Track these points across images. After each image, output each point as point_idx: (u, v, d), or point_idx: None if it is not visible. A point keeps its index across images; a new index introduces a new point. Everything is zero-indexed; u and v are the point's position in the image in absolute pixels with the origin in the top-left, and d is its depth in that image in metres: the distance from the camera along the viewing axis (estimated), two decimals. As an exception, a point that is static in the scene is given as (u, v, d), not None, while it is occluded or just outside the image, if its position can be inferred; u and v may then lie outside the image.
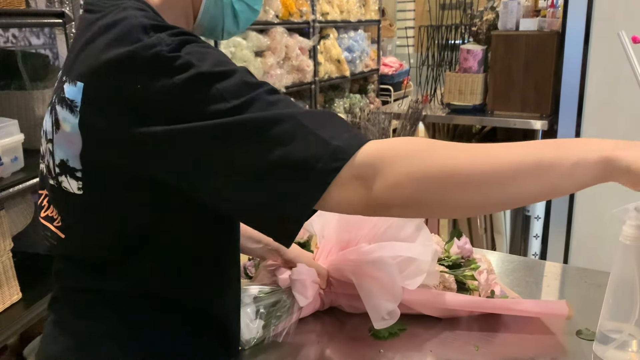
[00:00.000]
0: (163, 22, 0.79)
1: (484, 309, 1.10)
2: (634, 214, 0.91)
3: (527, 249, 2.46)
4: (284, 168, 0.69)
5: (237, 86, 0.72)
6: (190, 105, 0.70)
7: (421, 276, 1.04)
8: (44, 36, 2.56)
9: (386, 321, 1.02)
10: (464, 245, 1.21)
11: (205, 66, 0.72)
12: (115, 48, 0.74)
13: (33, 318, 1.78)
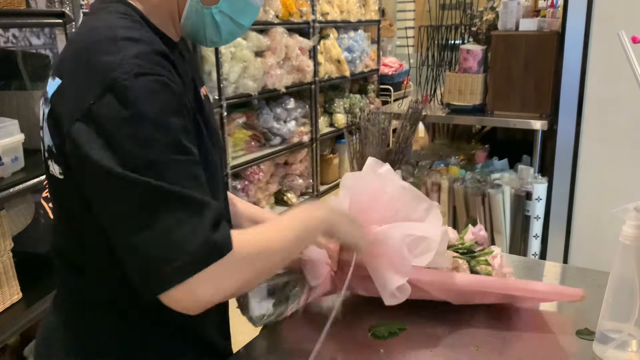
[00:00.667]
0: (136, 35, 0.82)
1: (496, 288, 1.10)
2: (634, 214, 0.91)
3: (527, 249, 2.46)
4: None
5: (161, 145, 0.78)
6: (115, 139, 0.77)
7: (430, 253, 1.05)
8: (44, 36, 2.57)
9: (396, 298, 1.03)
10: (478, 231, 1.23)
11: (144, 113, 0.77)
12: (86, 56, 0.81)
13: (33, 318, 1.79)
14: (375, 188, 1.11)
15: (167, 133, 0.78)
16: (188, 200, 0.78)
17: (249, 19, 0.97)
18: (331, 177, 5.31)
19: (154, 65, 0.80)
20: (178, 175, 0.78)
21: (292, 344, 1.07)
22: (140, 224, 0.77)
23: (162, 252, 0.77)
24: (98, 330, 0.94)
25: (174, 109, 0.80)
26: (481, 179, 2.48)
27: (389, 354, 1.01)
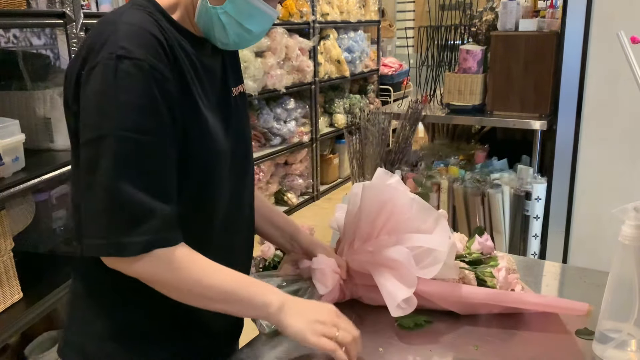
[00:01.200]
0: (136, 20, 0.89)
1: (500, 301, 1.10)
2: (633, 213, 0.91)
3: (527, 249, 2.46)
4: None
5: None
6: (88, 108, 0.87)
7: (437, 265, 1.05)
8: (45, 36, 2.57)
9: (403, 309, 1.03)
10: (485, 242, 1.22)
11: (115, 92, 0.85)
12: (92, 39, 0.89)
13: (34, 317, 1.79)
14: (384, 199, 1.11)
15: (130, 112, 0.85)
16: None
17: (258, 25, 0.97)
18: (331, 177, 5.31)
19: (139, 48, 0.86)
20: (127, 155, 0.85)
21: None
22: (86, 186, 0.87)
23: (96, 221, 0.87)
24: (107, 310, 0.99)
25: (147, 93, 0.86)
26: (481, 179, 2.48)
27: (389, 354, 1.01)
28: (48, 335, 2.02)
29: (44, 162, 1.90)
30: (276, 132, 4.38)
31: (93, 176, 0.85)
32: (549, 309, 1.11)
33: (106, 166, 0.84)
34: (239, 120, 1.05)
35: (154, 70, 0.86)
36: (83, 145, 0.87)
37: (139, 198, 0.85)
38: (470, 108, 2.64)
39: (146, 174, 0.87)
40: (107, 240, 0.86)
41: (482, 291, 1.11)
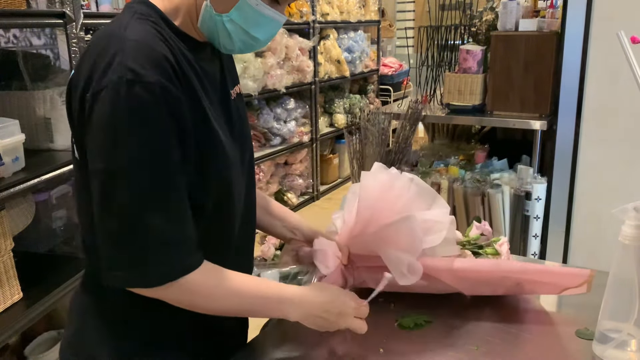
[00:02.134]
0: (142, 37, 0.86)
1: (504, 271, 1.12)
2: (633, 214, 0.91)
3: (527, 249, 2.46)
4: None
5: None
6: (98, 135, 0.84)
7: (441, 234, 1.08)
8: (45, 36, 2.57)
9: (408, 278, 1.05)
10: (483, 226, 1.26)
11: (126, 121, 0.83)
12: (95, 56, 0.86)
13: (34, 318, 1.79)
14: (383, 183, 1.13)
15: (142, 143, 0.83)
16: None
17: (265, 32, 0.95)
18: (331, 177, 5.31)
19: (150, 70, 0.82)
20: (144, 186, 0.84)
21: (302, 333, 1.07)
22: (103, 217, 0.86)
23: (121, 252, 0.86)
24: (118, 312, 0.98)
25: (161, 119, 0.83)
26: (481, 179, 2.48)
27: (389, 354, 1.01)
28: (48, 335, 2.03)
29: (44, 162, 1.90)
30: (276, 132, 4.38)
31: (110, 208, 0.84)
32: (552, 277, 1.13)
33: (124, 199, 0.83)
34: (240, 122, 1.05)
35: (166, 93, 0.83)
36: (95, 174, 0.85)
37: (160, 228, 0.85)
38: (470, 108, 2.64)
39: (165, 203, 0.86)
40: (130, 274, 0.86)
41: (486, 261, 1.15)
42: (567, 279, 1.12)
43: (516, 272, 1.12)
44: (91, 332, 0.99)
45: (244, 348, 1.08)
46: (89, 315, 1.00)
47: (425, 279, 1.08)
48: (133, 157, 0.82)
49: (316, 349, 1.05)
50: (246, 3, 0.89)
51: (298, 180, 4.74)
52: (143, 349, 0.98)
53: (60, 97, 2.05)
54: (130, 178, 0.83)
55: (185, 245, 0.88)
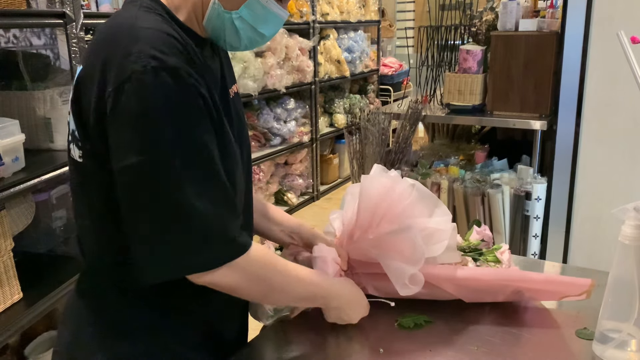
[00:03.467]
0: (155, 25, 0.85)
1: (505, 279, 1.11)
2: (633, 214, 0.91)
3: (527, 249, 2.46)
4: None
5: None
6: (127, 129, 0.82)
7: (443, 243, 1.07)
8: (45, 36, 2.57)
9: (409, 288, 1.04)
10: (483, 230, 1.25)
11: (158, 109, 0.81)
12: (107, 48, 0.83)
13: (34, 317, 1.79)
14: (383, 187, 1.12)
15: (180, 129, 0.81)
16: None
17: (271, 28, 0.96)
18: (331, 177, 5.31)
19: (171, 56, 0.81)
20: (191, 171, 0.82)
21: (302, 333, 1.07)
22: (144, 208, 0.83)
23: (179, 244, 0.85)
24: (117, 314, 0.97)
25: (191, 102, 0.82)
26: (481, 179, 2.48)
27: (389, 354, 1.01)
28: (48, 335, 2.02)
29: (44, 162, 1.90)
30: (276, 132, 4.38)
31: (155, 201, 0.82)
32: (552, 286, 1.12)
33: (170, 188, 0.81)
34: (239, 121, 1.04)
35: (189, 76, 0.82)
36: (127, 169, 0.82)
37: (213, 212, 0.84)
38: (470, 108, 2.64)
39: (214, 186, 0.85)
40: (191, 260, 0.85)
41: (487, 270, 1.14)
42: (567, 288, 1.12)
43: (517, 280, 1.12)
44: (87, 337, 0.97)
45: (244, 348, 1.08)
46: (84, 320, 0.98)
47: (425, 287, 1.07)
48: (172, 144, 0.80)
49: (316, 349, 1.05)
50: (257, 0, 0.90)
51: (298, 180, 4.75)
52: (140, 352, 0.96)
53: (60, 97, 2.05)
54: (172, 167, 0.80)
55: (236, 223, 0.88)
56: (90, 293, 0.99)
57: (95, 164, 0.88)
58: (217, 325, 1.03)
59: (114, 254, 0.93)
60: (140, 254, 0.86)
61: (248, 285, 0.91)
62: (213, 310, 1.01)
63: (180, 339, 0.99)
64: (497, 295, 1.14)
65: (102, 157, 0.86)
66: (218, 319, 1.03)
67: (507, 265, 1.17)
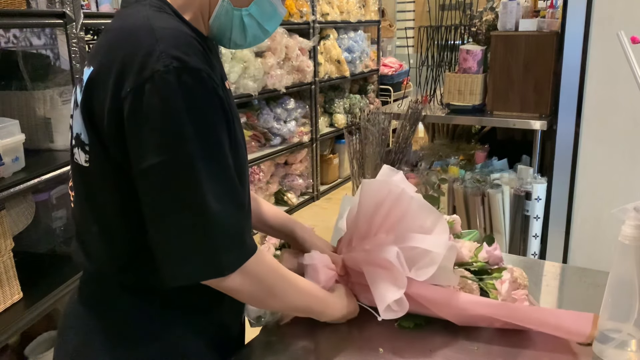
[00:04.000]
0: (172, 25, 0.84)
1: (497, 315, 1.03)
2: (633, 214, 0.91)
3: (527, 249, 2.46)
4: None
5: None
6: (151, 130, 0.80)
7: (432, 267, 1.02)
8: (45, 37, 2.57)
9: (394, 312, 1.02)
10: (492, 251, 1.16)
11: (181, 109, 0.80)
12: (125, 48, 0.81)
13: (34, 318, 1.79)
14: (383, 196, 1.09)
15: (202, 132, 0.81)
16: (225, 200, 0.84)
17: (274, 25, 0.98)
18: (331, 177, 5.31)
19: (192, 57, 0.81)
20: (211, 173, 0.82)
21: (302, 333, 1.07)
22: (165, 211, 0.82)
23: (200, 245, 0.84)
24: (125, 321, 0.95)
25: (213, 105, 0.82)
26: (481, 179, 2.48)
27: (389, 354, 1.01)
28: (48, 335, 2.02)
29: (44, 162, 1.90)
30: (276, 132, 4.38)
31: (175, 203, 0.81)
32: (551, 330, 1.02)
33: (190, 190, 0.81)
34: (237, 116, 1.04)
35: (211, 79, 0.82)
36: (147, 171, 0.81)
37: (230, 215, 0.84)
38: (470, 108, 2.64)
39: (230, 188, 0.85)
40: (204, 265, 0.84)
41: (482, 302, 1.05)
42: (567, 332, 1.02)
43: (510, 319, 1.03)
44: (95, 345, 0.95)
45: (244, 348, 1.08)
46: (90, 328, 0.96)
47: (419, 307, 1.06)
48: (193, 147, 0.80)
49: (316, 349, 1.05)
50: None
51: (298, 180, 4.75)
52: (150, 358, 0.95)
53: (60, 97, 2.05)
54: (193, 168, 0.80)
55: (249, 227, 0.90)
56: (97, 300, 0.98)
57: (107, 167, 0.87)
58: (223, 327, 1.03)
59: (125, 258, 0.92)
60: (162, 257, 0.85)
61: (250, 289, 0.91)
62: (220, 313, 1.01)
63: (189, 342, 0.98)
64: (494, 322, 1.07)
65: (115, 160, 0.85)
66: (224, 321, 1.03)
67: (508, 295, 1.08)
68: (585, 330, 0.98)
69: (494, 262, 1.16)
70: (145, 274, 0.91)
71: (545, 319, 1.02)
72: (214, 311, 0.99)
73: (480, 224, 2.49)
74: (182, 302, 0.95)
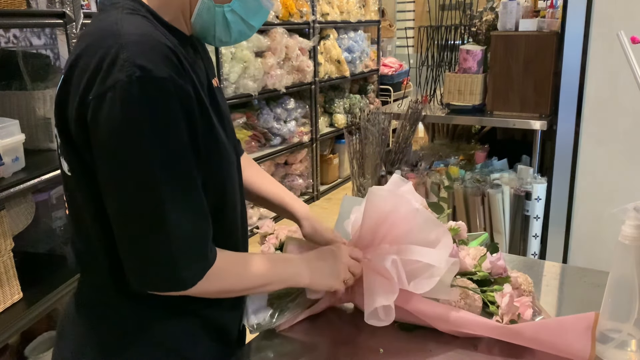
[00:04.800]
0: (142, 31, 0.83)
1: (496, 337, 1.02)
2: (633, 214, 0.91)
3: (527, 249, 2.46)
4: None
5: None
6: (110, 141, 0.80)
7: (432, 280, 1.01)
8: (45, 36, 2.57)
9: (380, 320, 1.01)
10: (495, 261, 1.14)
11: (141, 121, 0.80)
12: (92, 54, 0.81)
13: (34, 317, 1.79)
14: (388, 208, 1.08)
15: (161, 143, 0.80)
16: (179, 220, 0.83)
17: (260, 20, 0.96)
18: (331, 177, 5.31)
19: (158, 65, 0.79)
20: (170, 187, 0.82)
21: (302, 333, 1.07)
22: (127, 222, 0.83)
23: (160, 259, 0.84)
24: (118, 324, 0.95)
25: (176, 117, 0.81)
26: (481, 179, 2.48)
27: (389, 354, 1.01)
28: (48, 335, 2.03)
29: (44, 162, 1.90)
30: (276, 132, 4.38)
31: (136, 215, 0.82)
32: (546, 347, 0.98)
33: (148, 201, 0.81)
34: (228, 115, 1.03)
35: (178, 89, 0.80)
36: (110, 183, 0.82)
37: (191, 225, 0.84)
38: (470, 108, 2.64)
39: (189, 200, 0.84)
40: (163, 278, 0.85)
41: (476, 322, 1.02)
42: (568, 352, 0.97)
43: (506, 337, 1.01)
44: (90, 350, 0.95)
45: (244, 348, 1.08)
46: (86, 333, 0.96)
47: (416, 320, 1.05)
48: (152, 158, 0.79)
49: (316, 349, 1.05)
50: None
51: (298, 180, 4.75)
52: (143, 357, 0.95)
53: (60, 97, 2.05)
54: (152, 180, 0.80)
55: (210, 236, 0.89)
56: (91, 303, 0.98)
57: (84, 175, 0.86)
58: (221, 327, 1.03)
59: (107, 263, 0.91)
60: (126, 265, 0.86)
61: (217, 289, 0.93)
62: (217, 313, 1.01)
63: (185, 344, 0.98)
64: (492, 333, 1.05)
65: (90, 168, 0.84)
66: (222, 321, 1.03)
67: (508, 309, 1.05)
68: (584, 353, 0.94)
69: (496, 272, 1.15)
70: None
71: (544, 340, 0.98)
72: (209, 311, 0.99)
73: (480, 224, 2.49)
74: (177, 303, 0.93)
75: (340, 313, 1.15)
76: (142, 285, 0.86)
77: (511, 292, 1.08)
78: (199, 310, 0.97)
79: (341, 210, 1.43)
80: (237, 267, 0.95)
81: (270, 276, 0.99)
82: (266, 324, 1.07)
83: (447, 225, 1.24)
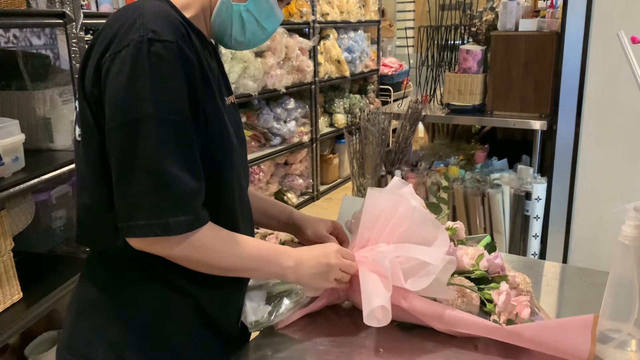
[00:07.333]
0: (161, 7, 0.91)
1: (493, 336, 1.01)
2: (633, 213, 0.91)
3: (527, 249, 2.46)
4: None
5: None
6: (120, 91, 0.87)
7: (428, 278, 1.01)
8: (44, 36, 2.57)
9: (377, 320, 1.00)
10: (493, 259, 1.15)
11: (146, 75, 0.87)
12: (112, 25, 0.90)
13: (34, 317, 1.79)
14: (386, 207, 1.09)
15: (163, 95, 0.86)
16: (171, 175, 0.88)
17: (272, 24, 1.05)
18: (331, 177, 5.31)
19: (169, 31, 0.87)
20: (167, 136, 0.87)
21: (302, 333, 1.07)
22: (124, 169, 0.88)
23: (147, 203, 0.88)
24: (115, 305, 0.98)
25: (178, 75, 0.88)
26: (481, 179, 2.48)
27: (389, 354, 1.01)
28: (48, 335, 2.03)
29: (44, 162, 1.90)
30: (276, 132, 4.39)
31: (133, 159, 0.87)
32: (544, 348, 0.97)
33: (148, 148, 0.86)
34: (238, 125, 1.07)
35: (183, 53, 0.88)
36: (114, 130, 0.88)
37: (182, 178, 0.88)
38: (470, 108, 2.64)
39: (185, 154, 0.89)
40: (153, 221, 0.88)
41: (473, 322, 1.02)
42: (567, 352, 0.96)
43: (502, 337, 1.01)
44: (87, 329, 0.98)
45: (245, 347, 1.08)
46: (85, 311, 1.00)
47: (413, 319, 1.05)
48: (156, 109, 0.86)
49: (316, 349, 1.05)
50: None
51: (298, 180, 4.75)
52: (140, 346, 0.97)
53: (60, 97, 2.05)
54: (153, 128, 0.86)
55: (201, 198, 0.92)
56: (93, 282, 1.01)
57: (94, 135, 0.92)
58: (218, 322, 1.04)
59: (114, 232, 0.94)
60: (117, 209, 0.90)
61: (191, 257, 0.94)
62: (214, 295, 1.02)
63: (180, 337, 0.99)
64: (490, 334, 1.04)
65: (99, 125, 0.90)
66: (220, 315, 1.04)
67: (504, 307, 1.05)
68: (583, 355, 0.94)
69: (494, 270, 1.15)
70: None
71: (542, 341, 0.97)
72: (206, 292, 1.01)
73: (480, 224, 2.49)
74: (174, 278, 0.97)
75: (339, 311, 1.15)
76: (129, 232, 0.89)
77: (508, 289, 1.08)
78: (196, 290, 0.99)
79: (341, 210, 1.43)
80: (224, 244, 0.97)
81: (256, 263, 1.00)
82: (265, 322, 1.07)
83: (445, 225, 1.24)
